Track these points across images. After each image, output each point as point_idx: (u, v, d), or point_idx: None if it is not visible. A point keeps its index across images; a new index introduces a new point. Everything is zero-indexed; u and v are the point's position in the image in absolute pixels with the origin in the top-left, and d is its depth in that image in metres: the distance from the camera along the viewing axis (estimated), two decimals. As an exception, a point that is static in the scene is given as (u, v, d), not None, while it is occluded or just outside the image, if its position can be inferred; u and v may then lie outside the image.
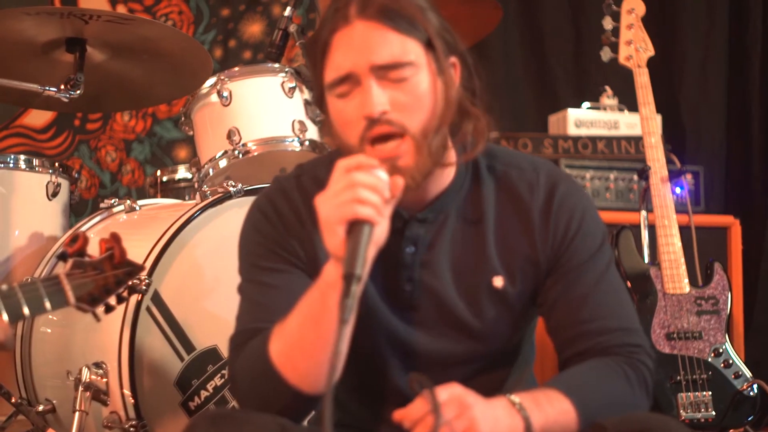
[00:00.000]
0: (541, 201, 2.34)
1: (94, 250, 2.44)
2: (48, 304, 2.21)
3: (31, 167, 3.65)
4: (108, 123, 5.36)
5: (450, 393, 2.03)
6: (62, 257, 2.30)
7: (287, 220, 2.34)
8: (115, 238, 2.37)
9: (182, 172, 4.17)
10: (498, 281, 2.32)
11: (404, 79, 2.16)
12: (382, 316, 2.31)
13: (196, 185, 3.77)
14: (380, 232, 2.06)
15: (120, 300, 2.38)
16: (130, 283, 2.37)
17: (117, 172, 5.35)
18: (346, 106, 2.18)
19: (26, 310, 2.17)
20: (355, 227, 2.02)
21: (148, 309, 3.04)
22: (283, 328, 2.16)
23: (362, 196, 2.02)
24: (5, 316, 2.14)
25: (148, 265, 3.03)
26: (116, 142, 5.37)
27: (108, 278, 2.33)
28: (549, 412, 2.12)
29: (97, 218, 3.53)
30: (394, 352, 2.34)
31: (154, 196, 4.13)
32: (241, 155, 3.59)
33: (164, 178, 4.16)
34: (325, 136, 3.59)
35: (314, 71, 2.26)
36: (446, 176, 2.31)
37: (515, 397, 2.10)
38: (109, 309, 2.35)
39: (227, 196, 3.25)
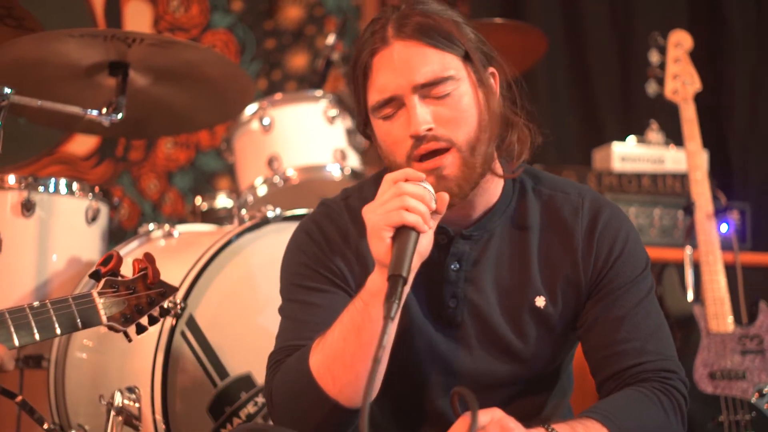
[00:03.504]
0: (585, 225, 2.37)
1: (128, 271, 2.43)
2: (79, 323, 2.20)
3: (71, 192, 3.64)
4: (150, 152, 5.37)
5: (491, 416, 2.03)
6: (95, 276, 2.29)
7: (332, 241, 2.38)
8: (148, 259, 2.36)
9: (222, 200, 4.15)
10: (540, 301, 2.35)
11: (447, 94, 2.21)
12: (425, 332, 2.33)
13: (235, 212, 3.75)
14: (425, 243, 2.11)
15: (152, 321, 2.36)
16: (163, 303, 2.36)
17: (158, 202, 5.35)
18: (392, 127, 2.23)
19: (58, 330, 2.16)
20: (402, 233, 2.07)
21: (183, 333, 3.02)
22: (324, 340, 2.17)
23: (409, 203, 2.06)
24: (37, 335, 2.13)
25: (183, 288, 3.01)
26: (159, 171, 5.37)
27: (141, 298, 2.32)
28: None
29: (135, 243, 3.52)
30: (436, 370, 2.35)
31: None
32: (281, 182, 3.57)
33: (205, 206, 4.14)
34: (368, 164, 3.61)
35: (356, 95, 2.31)
36: (493, 195, 2.35)
37: (553, 428, 2.11)
38: (141, 329, 2.34)
39: (265, 222, 3.23)
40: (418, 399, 2.36)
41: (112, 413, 2.86)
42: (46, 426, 3.25)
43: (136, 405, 2.91)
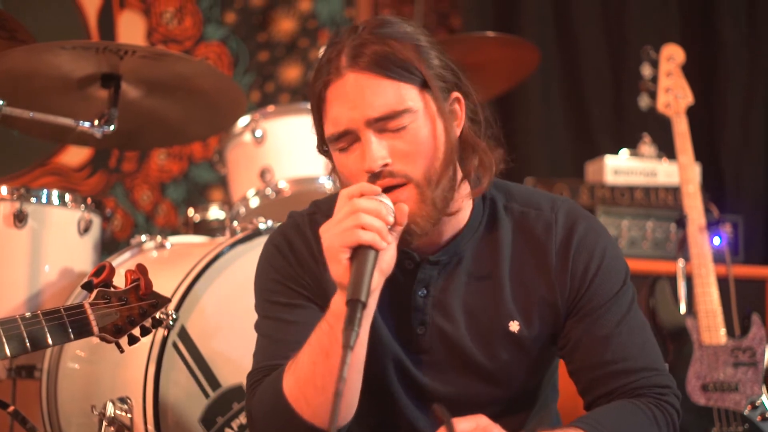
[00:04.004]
0: (558, 242, 2.30)
1: (121, 283, 2.43)
2: (71, 334, 2.20)
3: (63, 203, 3.64)
4: (143, 164, 5.37)
5: (477, 423, 2.02)
6: (87, 287, 2.29)
7: (301, 256, 2.33)
8: (141, 270, 2.36)
9: (215, 212, 4.16)
10: (514, 326, 2.29)
11: (403, 127, 2.13)
12: (396, 356, 2.29)
13: (227, 224, 3.77)
14: (387, 258, 2.05)
15: (144, 332, 2.37)
16: (155, 314, 2.36)
17: (151, 213, 5.36)
18: (347, 160, 2.17)
19: (50, 340, 2.16)
20: (359, 253, 2.01)
21: (174, 344, 3.02)
22: (296, 363, 2.15)
23: (364, 221, 2.00)
24: (29, 346, 2.13)
25: (175, 299, 3.01)
26: (152, 182, 5.38)
27: (133, 309, 2.32)
28: None
29: (127, 254, 3.52)
30: (410, 394, 2.31)
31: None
32: (273, 194, 3.58)
33: (197, 218, 4.15)
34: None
35: (314, 121, 2.24)
36: (461, 218, 2.28)
37: None
38: (133, 340, 2.35)
39: (257, 233, 3.23)
40: (396, 419, 2.32)
41: (104, 424, 2.86)
42: (38, 436, 3.25)
43: (128, 416, 2.91)
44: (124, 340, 2.35)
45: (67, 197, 3.66)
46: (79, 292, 3.40)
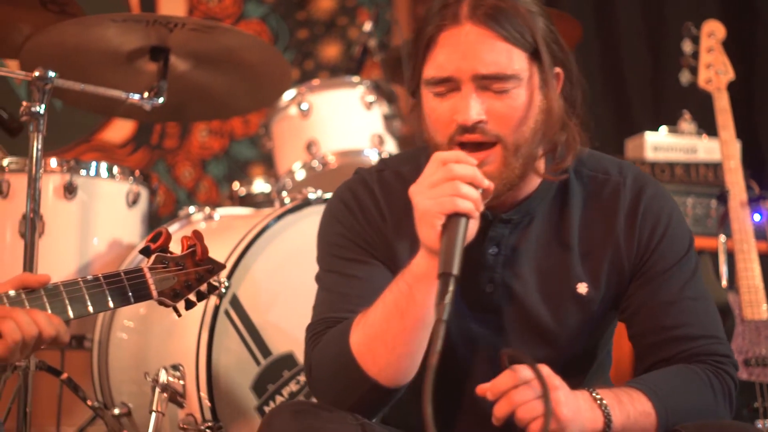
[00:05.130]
0: (626, 206, 2.31)
1: (176, 249, 2.46)
2: (131, 297, 2.23)
3: (111, 176, 3.69)
4: (185, 140, 5.41)
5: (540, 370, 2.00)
6: (145, 252, 2.32)
7: (368, 212, 2.34)
8: (197, 236, 2.38)
9: (260, 185, 4.19)
10: (582, 288, 2.30)
11: (505, 90, 2.13)
12: (460, 316, 2.28)
13: (273, 196, 3.80)
14: (472, 226, 2.06)
15: (200, 297, 2.39)
16: (211, 280, 2.39)
17: (193, 189, 5.40)
18: (440, 105, 2.16)
19: (111, 303, 2.19)
20: (452, 221, 2.02)
21: (227, 312, 3.06)
22: (366, 319, 2.15)
23: (462, 190, 2.02)
24: (90, 308, 2.16)
25: (227, 268, 3.04)
26: (193, 159, 5.42)
27: (189, 274, 2.34)
28: (630, 411, 2.10)
29: (176, 225, 3.56)
30: (471, 355, 2.32)
31: (232, 208, 4.16)
32: (320, 166, 3.61)
33: (242, 191, 4.18)
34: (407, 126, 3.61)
35: (413, 61, 2.22)
36: (534, 179, 2.28)
37: (597, 393, 2.09)
38: (189, 305, 2.37)
39: (306, 203, 3.26)
40: (454, 383, 2.31)
41: (157, 390, 2.90)
42: (89, 403, 3.29)
43: (181, 382, 2.94)
44: (180, 305, 2.37)
45: (116, 170, 3.71)
46: (130, 263, 3.45)
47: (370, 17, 3.98)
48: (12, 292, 2.08)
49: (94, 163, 3.67)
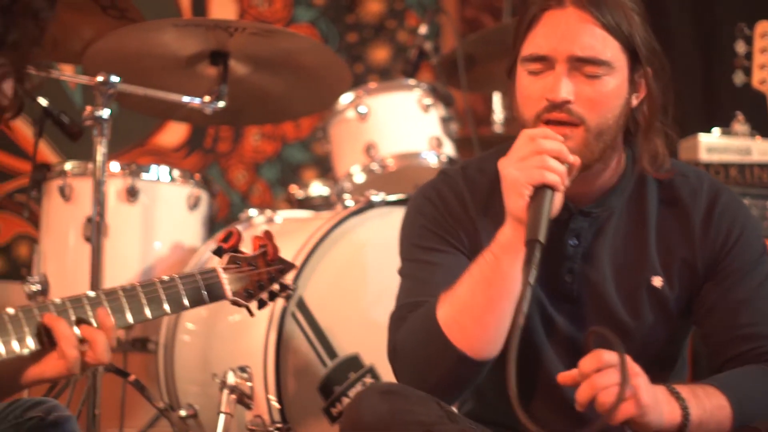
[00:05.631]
0: (703, 208, 2.36)
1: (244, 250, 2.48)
2: (206, 296, 2.25)
3: (172, 179, 3.72)
4: (238, 144, 5.44)
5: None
6: (217, 252, 2.34)
7: (452, 207, 2.40)
8: (268, 236, 2.40)
9: (317, 188, 4.21)
10: (657, 281, 2.35)
11: (597, 75, 2.20)
12: (540, 304, 2.35)
13: (332, 199, 3.82)
14: (556, 202, 2.13)
15: (272, 297, 2.40)
16: (282, 280, 2.40)
17: (247, 193, 5.43)
18: (533, 83, 2.24)
19: (186, 302, 2.21)
20: (539, 193, 2.10)
21: (293, 314, 3.08)
22: (453, 292, 2.20)
23: (550, 164, 2.10)
24: (167, 308, 2.18)
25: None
26: (246, 162, 5.44)
27: (262, 274, 2.36)
28: (706, 405, 2.13)
29: (238, 228, 3.56)
30: (551, 343, 2.36)
31: (289, 211, 4.18)
32: (379, 169, 3.63)
33: (300, 194, 4.20)
34: (462, 152, 3.63)
35: (514, 39, 2.31)
36: (614, 174, 2.35)
37: (674, 388, 2.12)
38: (262, 304, 2.38)
39: (369, 206, 3.27)
40: (533, 369, 2.36)
41: (226, 392, 2.92)
42: (158, 405, 3.33)
43: (249, 384, 2.96)
44: (252, 305, 2.38)
45: (176, 173, 3.74)
46: (193, 266, 3.48)
47: (424, 20, 3.99)
48: (91, 293, 2.10)
49: (155, 167, 3.70)
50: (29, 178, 3.75)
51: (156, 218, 3.67)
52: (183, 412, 3.33)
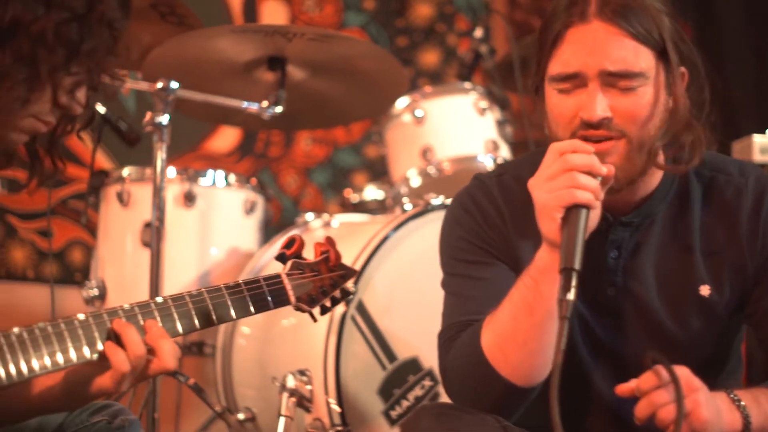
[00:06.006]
0: (749, 207, 2.28)
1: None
2: (271, 302, 2.26)
3: (228, 184, 3.74)
4: (289, 149, 5.45)
5: (679, 374, 1.99)
6: (281, 259, 2.35)
7: (488, 215, 2.35)
8: (330, 242, 2.41)
9: (371, 192, 4.22)
10: (705, 290, 2.27)
11: (632, 88, 2.13)
12: (584, 320, 2.29)
13: (388, 202, 3.82)
14: (593, 216, 2.06)
15: (334, 302, 2.41)
16: (344, 286, 2.41)
17: (298, 197, 5.44)
18: (564, 102, 2.16)
19: (252, 308, 2.22)
20: (572, 213, 2.03)
21: (353, 318, 3.08)
22: (495, 318, 2.16)
23: (580, 181, 2.03)
24: (233, 314, 2.19)
25: (356, 271, 3.07)
26: (297, 167, 5.46)
27: (324, 280, 2.36)
28: None
29: (294, 232, 3.57)
30: (597, 358, 2.31)
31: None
32: (436, 173, 3.63)
33: (356, 198, 4.21)
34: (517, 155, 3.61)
35: (538, 57, 2.23)
36: (653, 180, 2.27)
37: (735, 394, 2.09)
38: (324, 310, 2.39)
39: (428, 209, 3.27)
40: (581, 386, 2.31)
41: (286, 395, 2.93)
42: (217, 408, 3.34)
43: (308, 387, 2.97)
44: (315, 311, 2.39)
45: (232, 178, 3.76)
46: (250, 271, 3.49)
47: (479, 23, 3.99)
48: (159, 299, 2.11)
49: (211, 172, 3.72)
50: (87, 184, 3.78)
51: (213, 223, 3.69)
52: (241, 416, 3.35)
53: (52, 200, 4.51)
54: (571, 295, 1.94)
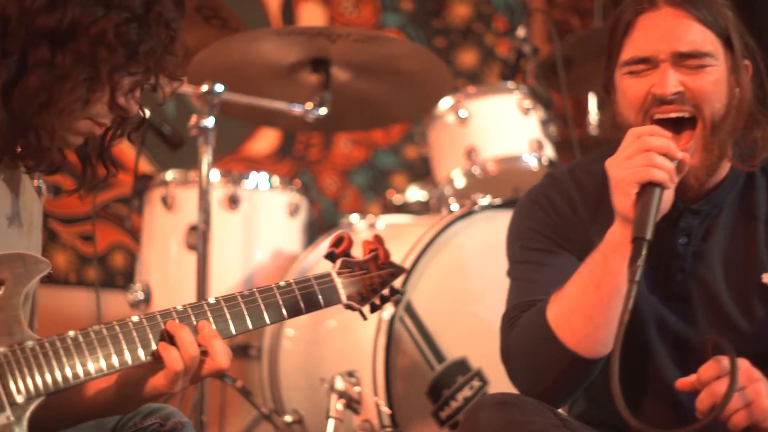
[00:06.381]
0: None
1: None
2: (321, 301, 2.25)
3: (272, 186, 3.74)
4: (328, 151, 5.45)
5: (739, 364, 2.01)
6: (330, 257, 2.34)
7: (559, 209, 2.41)
8: (378, 240, 2.40)
9: (414, 193, 4.22)
10: (767, 278, 2.31)
11: (701, 66, 2.21)
12: (652, 303, 2.33)
13: (432, 203, 3.82)
14: (666, 198, 2.13)
15: (383, 300, 2.40)
16: (393, 283, 2.40)
17: (338, 199, 5.44)
18: (636, 84, 2.25)
19: (303, 308, 2.22)
20: (647, 190, 2.10)
21: (401, 318, 3.08)
22: (562, 293, 2.21)
23: (657, 160, 2.10)
24: (285, 313, 2.19)
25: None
26: (337, 169, 5.46)
27: (374, 278, 2.36)
28: None
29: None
30: (662, 342, 2.34)
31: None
32: (481, 173, 3.62)
33: (399, 199, 4.21)
34: (562, 155, 3.60)
35: (609, 48, 2.32)
36: (722, 171, 2.33)
37: None
38: (374, 308, 2.38)
39: (476, 210, 3.26)
40: (644, 368, 2.35)
41: (334, 397, 2.93)
42: (264, 410, 3.35)
43: (356, 389, 2.97)
44: (365, 309, 2.38)
45: (276, 180, 3.76)
46: (296, 273, 3.49)
47: (522, 22, 3.97)
48: (212, 300, 2.11)
49: (254, 174, 3.73)
50: (131, 188, 3.80)
51: (257, 225, 3.70)
52: (288, 418, 3.35)
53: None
54: (640, 262, 2.02)
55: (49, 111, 1.96)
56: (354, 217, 3.60)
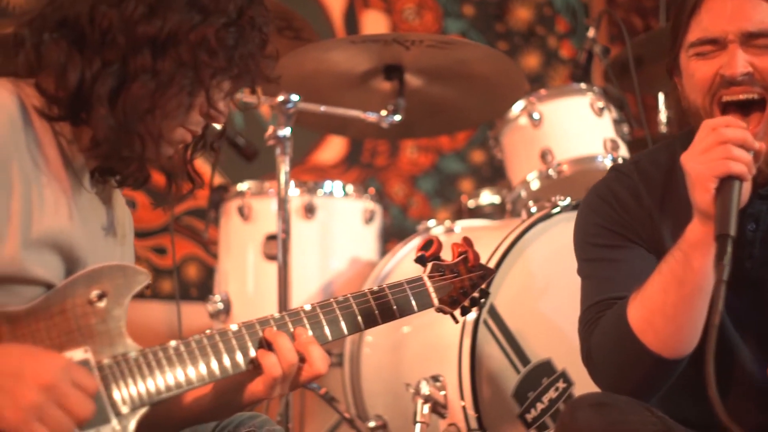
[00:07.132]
0: None
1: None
2: (414, 305, 2.26)
3: (347, 194, 3.76)
4: (394, 158, 5.47)
5: None
6: (421, 261, 2.35)
7: (625, 202, 2.37)
8: (467, 242, 2.41)
9: (487, 197, 4.22)
10: None
11: None
12: (726, 296, 2.23)
13: (507, 207, 3.81)
14: (745, 190, 2.07)
15: (473, 303, 2.41)
16: (483, 286, 2.40)
17: (405, 206, 5.45)
18: (703, 66, 2.22)
19: (397, 312, 2.23)
20: (726, 184, 2.04)
21: (485, 321, 3.07)
22: (642, 293, 2.17)
23: (734, 153, 2.04)
24: (380, 319, 2.20)
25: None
26: (404, 176, 5.47)
27: (464, 281, 2.37)
28: None
29: (417, 239, 3.59)
30: (742, 334, 2.30)
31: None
32: (555, 175, 3.61)
33: (472, 203, 4.21)
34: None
35: (674, 32, 2.30)
36: None
37: None
38: (465, 311, 2.39)
39: (557, 211, 3.25)
40: (721, 357, 2.26)
41: (420, 401, 2.93)
42: (347, 415, 3.36)
43: (442, 393, 2.97)
44: (456, 312, 2.38)
45: (350, 188, 3.78)
46: (373, 280, 3.50)
47: (593, 23, 3.95)
48: (308, 306, 2.13)
49: (329, 183, 3.75)
50: (207, 200, 3.83)
51: (333, 234, 3.73)
52: (372, 423, 3.36)
53: (168, 217, 4.57)
54: (727, 261, 1.95)
55: (155, 117, 2.00)
56: (431, 222, 3.60)
